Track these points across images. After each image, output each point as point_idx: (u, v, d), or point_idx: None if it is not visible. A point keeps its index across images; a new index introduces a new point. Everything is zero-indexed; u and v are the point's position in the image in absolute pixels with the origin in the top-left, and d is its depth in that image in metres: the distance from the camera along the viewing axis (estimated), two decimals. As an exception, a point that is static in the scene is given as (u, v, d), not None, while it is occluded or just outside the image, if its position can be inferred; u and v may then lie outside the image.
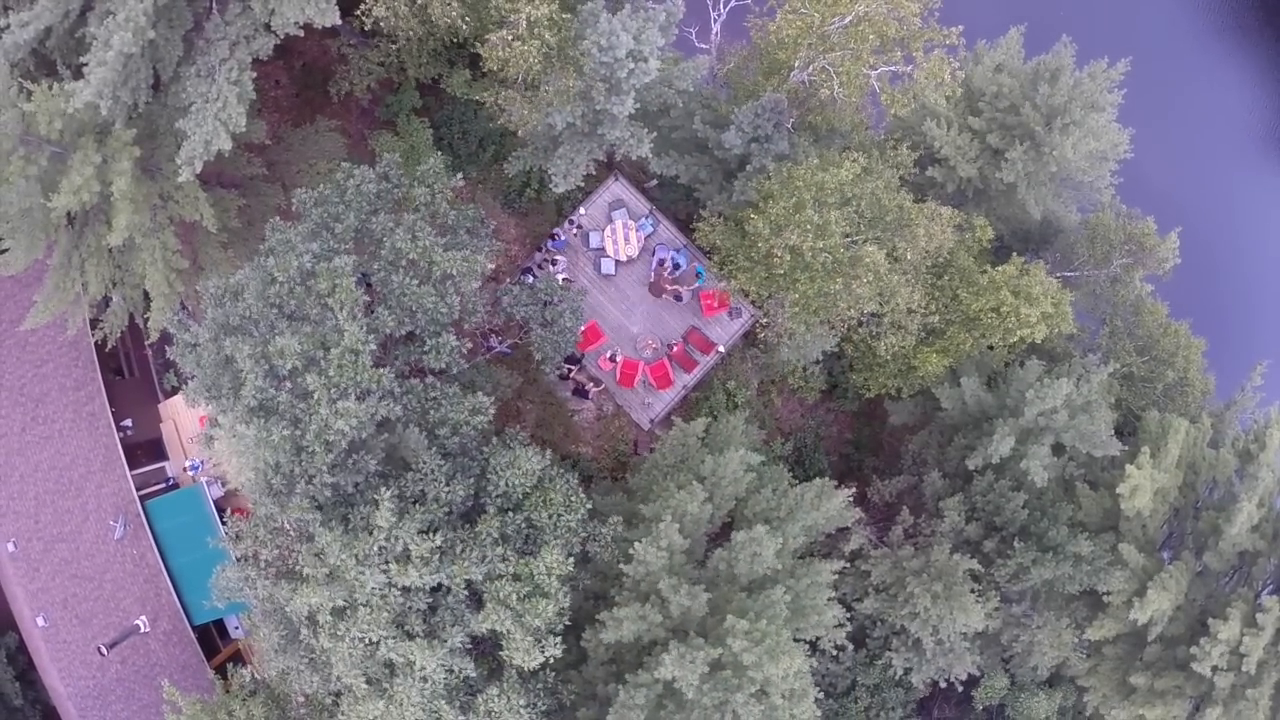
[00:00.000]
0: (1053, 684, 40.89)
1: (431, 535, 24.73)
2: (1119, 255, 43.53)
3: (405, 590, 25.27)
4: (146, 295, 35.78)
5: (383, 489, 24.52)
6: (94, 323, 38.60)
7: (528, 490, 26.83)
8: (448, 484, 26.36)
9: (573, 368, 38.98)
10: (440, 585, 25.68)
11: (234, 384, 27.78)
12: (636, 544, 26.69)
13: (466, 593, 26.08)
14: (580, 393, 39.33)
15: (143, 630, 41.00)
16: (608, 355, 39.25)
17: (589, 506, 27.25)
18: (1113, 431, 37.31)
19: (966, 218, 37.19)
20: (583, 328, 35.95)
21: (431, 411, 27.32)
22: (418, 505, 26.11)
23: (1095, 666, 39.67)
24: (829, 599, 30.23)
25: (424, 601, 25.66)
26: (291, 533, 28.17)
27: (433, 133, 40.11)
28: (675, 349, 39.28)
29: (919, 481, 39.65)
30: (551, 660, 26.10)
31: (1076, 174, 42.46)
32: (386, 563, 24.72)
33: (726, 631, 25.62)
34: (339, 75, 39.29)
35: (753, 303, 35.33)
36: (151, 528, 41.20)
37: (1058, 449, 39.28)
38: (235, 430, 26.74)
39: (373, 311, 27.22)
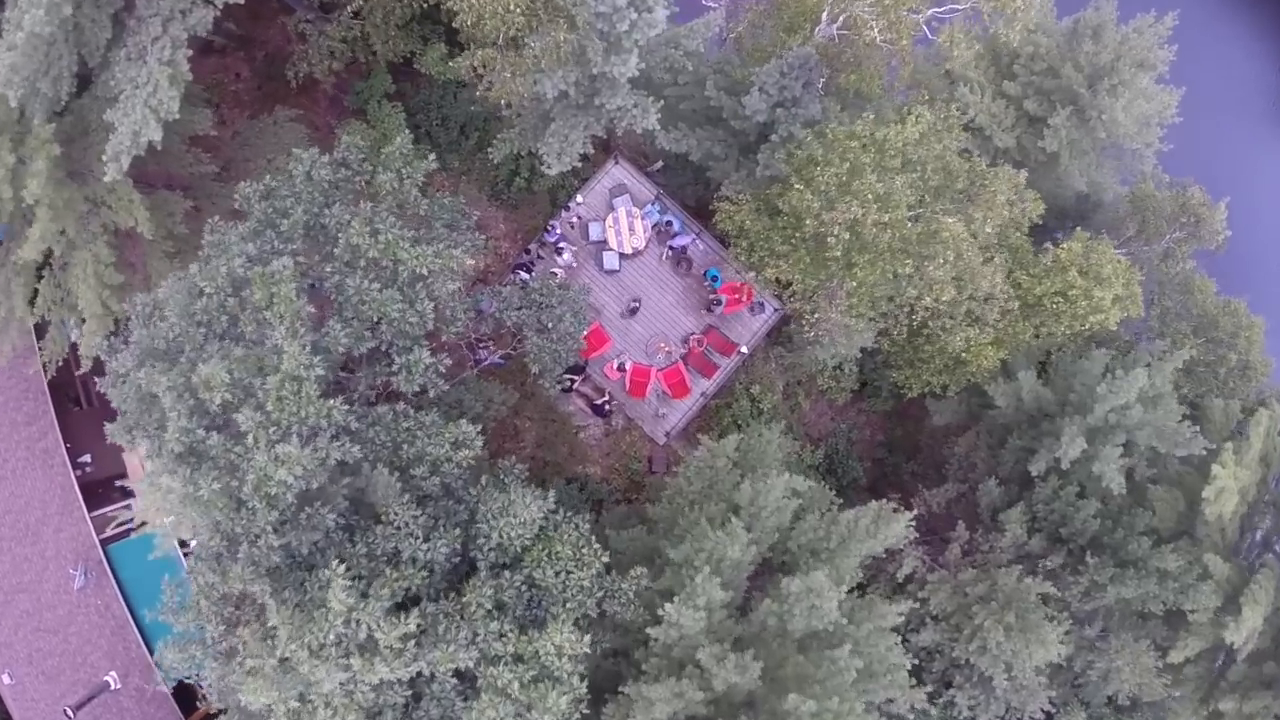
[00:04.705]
0: (1125, 711, 33.88)
1: (404, 615, 17.69)
2: (1172, 228, 36.75)
3: (378, 684, 18.27)
4: (95, 316, 29.14)
5: (335, 562, 17.51)
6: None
7: (527, 543, 19.83)
8: (426, 540, 19.35)
9: (575, 378, 31.92)
10: (422, 672, 18.68)
11: (161, 422, 20.79)
12: (668, 605, 19.69)
13: (455, 679, 19.07)
14: (599, 412, 32.28)
15: (113, 687, 34.95)
16: (615, 364, 32.13)
17: (605, 560, 20.20)
18: (1196, 427, 30.42)
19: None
20: (585, 332, 28.85)
21: (405, 446, 20.31)
22: (390, 568, 19.14)
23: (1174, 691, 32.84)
24: (892, 646, 23.29)
25: (402, 695, 18.70)
26: (240, 603, 21.18)
27: (408, 119, 33.11)
28: (691, 352, 32.21)
29: (970, 490, 32.73)
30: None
31: (1124, 140, 35.62)
32: (347, 654, 17.71)
33: (788, 714, 18.72)
34: (296, 56, 32.19)
35: (791, 294, 27.64)
36: (115, 575, 34.70)
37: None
38: (157, 482, 19.77)
39: (324, 325, 20.17)
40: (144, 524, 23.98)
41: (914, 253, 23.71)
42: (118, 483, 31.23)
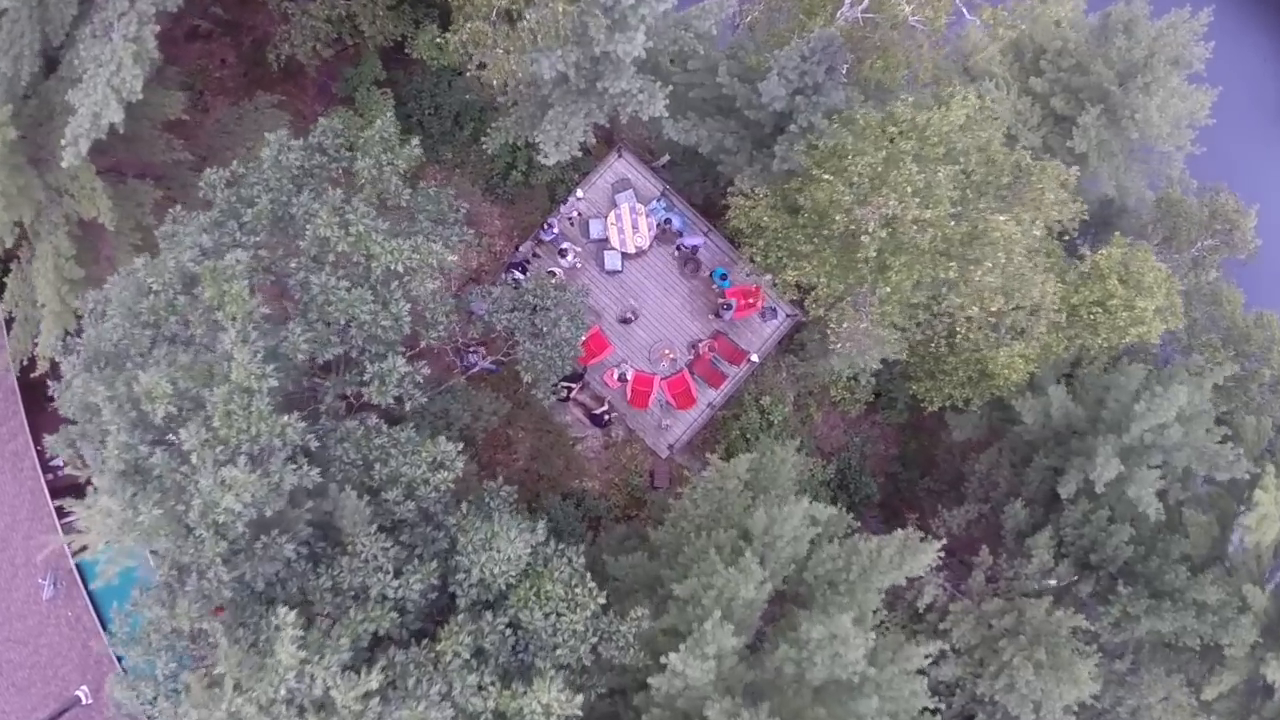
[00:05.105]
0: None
1: (367, 668, 14.79)
2: (1203, 235, 33.85)
3: (334, 745, 15.35)
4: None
5: (284, 608, 14.60)
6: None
7: (512, 580, 16.90)
8: (398, 576, 16.45)
9: (573, 386, 28.92)
10: (387, 730, 15.74)
11: (104, 436, 17.89)
12: (672, 654, 16.79)
13: (428, 737, 16.16)
14: (598, 422, 29.20)
15: (84, 702, 32.27)
16: (615, 373, 29.05)
17: (602, 601, 17.26)
18: (1239, 449, 27.45)
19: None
20: (584, 338, 25.79)
21: (377, 466, 17.40)
22: (357, 605, 16.25)
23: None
24: (918, 691, 20.35)
25: (364, 756, 15.80)
26: (194, 637, 18.29)
27: (399, 108, 30.15)
28: (699, 359, 29.21)
29: (991, 510, 29.79)
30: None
31: (1156, 141, 32.73)
32: (301, 712, 14.79)
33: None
34: (278, 37, 29.23)
35: (813, 300, 24.23)
36: (86, 586, 32.08)
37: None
38: (95, 504, 16.89)
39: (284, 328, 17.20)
40: (84, 549, 21.14)
41: (957, 255, 20.63)
42: (56, 502, 28.42)
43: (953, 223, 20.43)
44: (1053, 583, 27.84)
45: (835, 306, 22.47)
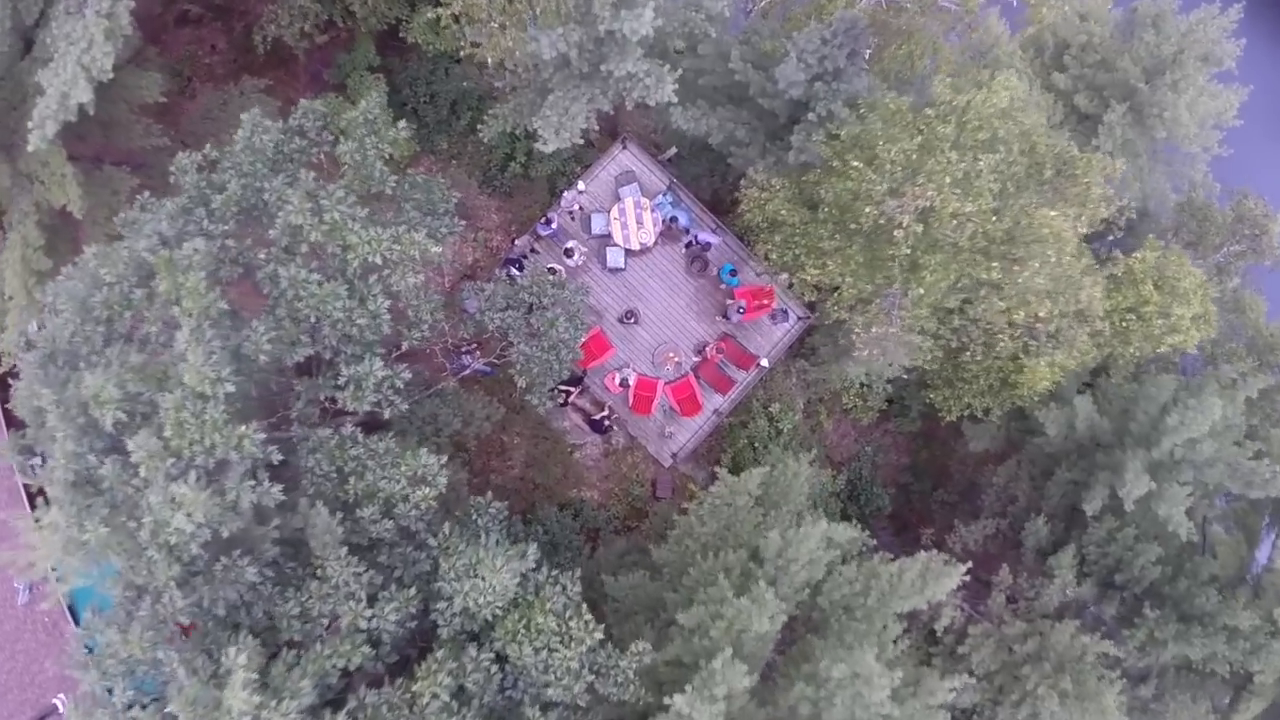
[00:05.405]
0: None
1: (333, 709, 12.78)
2: (1231, 241, 31.82)
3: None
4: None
5: (236, 646, 12.60)
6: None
7: (500, 611, 14.86)
8: (371, 604, 14.42)
9: (571, 390, 26.81)
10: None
11: (52, 442, 15.89)
12: (678, 696, 14.76)
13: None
14: (598, 428, 27.07)
15: (61, 710, 30.31)
16: (617, 377, 26.90)
17: (599, 636, 15.23)
18: (1277, 466, 25.41)
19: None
20: (583, 339, 23.66)
21: (352, 479, 15.37)
22: (328, 635, 14.23)
23: (1231, 756, 27.87)
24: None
25: (330, 808, 13.81)
26: (153, 664, 16.29)
27: (393, 96, 28.09)
28: (706, 361, 27.08)
29: (1010, 526, 27.76)
30: None
31: (1183, 142, 30.70)
32: (254, 763, 12.82)
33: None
34: (264, 18, 27.20)
35: (835, 301, 21.91)
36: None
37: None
38: (45, 517, 14.93)
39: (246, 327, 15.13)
40: (31, 565, 19.16)
41: (998, 254, 18.46)
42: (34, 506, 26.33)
43: (994, 218, 18.21)
44: (1099, 616, 25.90)
45: (858, 309, 20.27)
